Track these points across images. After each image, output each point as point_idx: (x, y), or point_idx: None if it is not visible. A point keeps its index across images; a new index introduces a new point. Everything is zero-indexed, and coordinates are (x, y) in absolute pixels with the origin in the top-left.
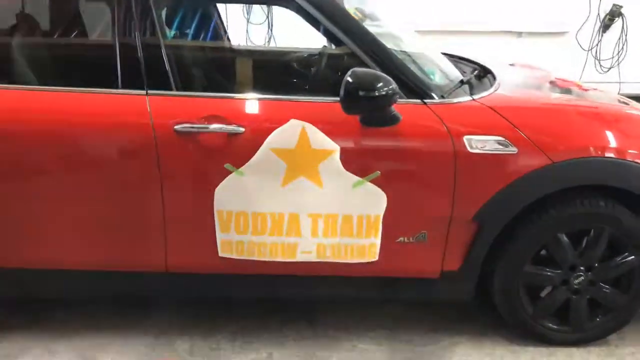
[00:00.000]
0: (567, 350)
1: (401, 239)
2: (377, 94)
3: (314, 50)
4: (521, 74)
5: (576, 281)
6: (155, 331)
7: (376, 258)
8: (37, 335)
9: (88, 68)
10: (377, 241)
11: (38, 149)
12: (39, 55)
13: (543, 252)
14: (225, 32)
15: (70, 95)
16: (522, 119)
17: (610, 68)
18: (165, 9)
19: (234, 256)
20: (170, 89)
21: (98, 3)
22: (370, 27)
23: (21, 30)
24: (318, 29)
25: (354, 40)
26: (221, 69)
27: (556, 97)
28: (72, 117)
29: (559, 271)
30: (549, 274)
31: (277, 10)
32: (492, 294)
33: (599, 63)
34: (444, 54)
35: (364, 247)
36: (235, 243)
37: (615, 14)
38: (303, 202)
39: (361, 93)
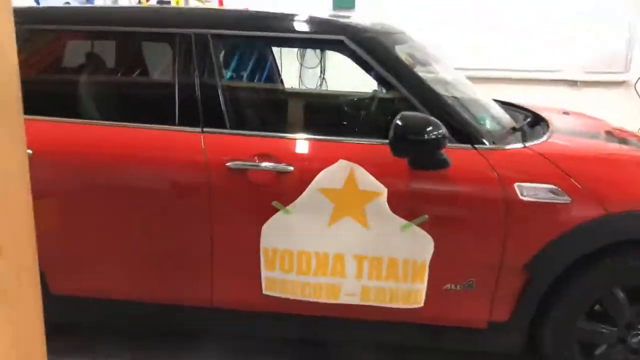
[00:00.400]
0: None
1: (448, 286)
2: (426, 137)
3: (365, 93)
4: (576, 123)
5: (634, 340)
6: None
7: (421, 304)
8: None
9: (148, 105)
10: (423, 287)
11: (95, 181)
12: (103, 92)
13: (598, 307)
14: (279, 74)
15: (129, 130)
16: (576, 168)
17: None
18: (223, 51)
19: (278, 294)
20: (225, 127)
21: (161, 44)
22: (421, 72)
23: (88, 69)
24: (369, 73)
25: (405, 84)
26: (274, 109)
27: (613, 146)
28: (130, 150)
29: (614, 328)
30: (604, 331)
31: (330, 54)
32: (543, 348)
33: None
34: (497, 100)
35: (409, 293)
36: (279, 281)
37: None
38: (348, 243)
39: (410, 136)
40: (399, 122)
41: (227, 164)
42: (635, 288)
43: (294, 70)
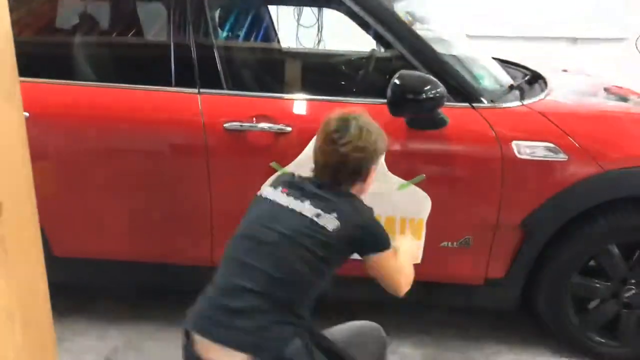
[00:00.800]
0: None
1: (445, 243)
2: (424, 96)
3: (363, 53)
4: (574, 81)
5: (627, 295)
6: None
7: (419, 261)
8: (89, 321)
9: (143, 66)
10: (421, 244)
11: (94, 143)
12: (98, 53)
13: (592, 263)
14: (276, 34)
15: (125, 92)
16: (574, 126)
17: None
18: (218, 10)
19: None
20: (222, 89)
21: (155, 4)
22: (420, 30)
23: (82, 30)
24: (367, 31)
25: (403, 43)
26: (271, 70)
27: (611, 104)
28: (127, 112)
29: (608, 284)
30: (597, 286)
31: (327, 12)
32: (537, 303)
33: None
34: (495, 58)
35: None
36: None
37: None
38: None
39: (408, 96)
40: (397, 82)
41: (224, 125)
42: (629, 244)
43: (290, 29)
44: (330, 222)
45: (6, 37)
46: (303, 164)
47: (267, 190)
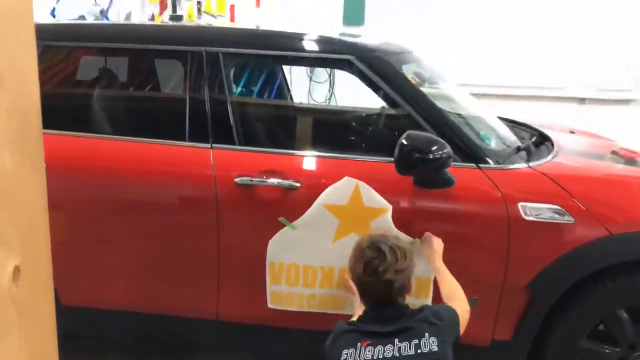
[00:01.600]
0: None
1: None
2: (431, 156)
3: (373, 109)
4: (582, 142)
5: None
6: None
7: None
8: None
9: (159, 121)
10: (428, 301)
11: (107, 194)
12: (115, 106)
13: (601, 327)
14: (289, 90)
15: (141, 145)
16: (580, 189)
17: None
18: (233, 68)
19: (283, 307)
20: (233, 144)
21: (172, 61)
22: (427, 90)
23: (101, 83)
24: (376, 92)
25: (411, 103)
26: (282, 125)
27: (618, 167)
28: (141, 165)
29: (617, 349)
30: (607, 351)
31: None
32: None
33: None
34: (502, 118)
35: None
36: (285, 294)
37: None
38: None
39: (416, 155)
40: (405, 141)
41: (235, 180)
42: (638, 309)
43: (303, 84)
44: (430, 343)
45: (36, 110)
46: (311, 220)
47: (351, 353)
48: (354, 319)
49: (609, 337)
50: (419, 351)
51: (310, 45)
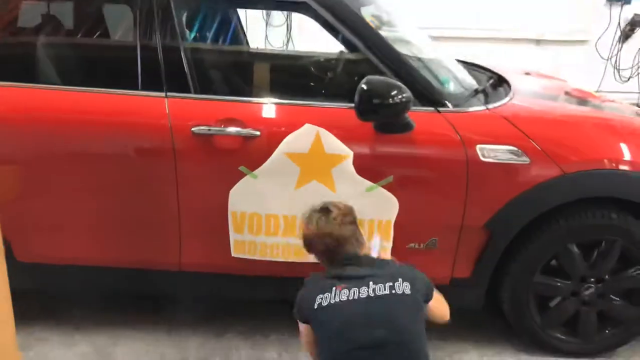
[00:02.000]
0: None
1: (412, 245)
2: (391, 101)
3: (332, 54)
4: (537, 84)
5: (586, 293)
6: (168, 328)
7: None
8: (54, 328)
9: (109, 69)
10: (389, 246)
11: (58, 147)
12: (62, 55)
13: (554, 262)
14: (245, 35)
15: (90, 95)
16: (536, 130)
17: (629, 78)
18: (186, 12)
19: (247, 256)
20: (189, 92)
21: (120, 5)
22: (386, 33)
23: (45, 31)
24: (335, 36)
25: (370, 47)
26: (239, 72)
27: (571, 108)
28: (92, 116)
29: (569, 282)
30: (558, 284)
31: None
32: (501, 302)
33: (619, 73)
34: (460, 61)
35: None
36: (248, 243)
37: (635, 23)
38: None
39: (375, 101)
40: (364, 87)
41: (192, 129)
42: (588, 244)
43: (259, 29)
44: (403, 286)
45: None
46: (272, 169)
47: (326, 297)
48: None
49: (561, 271)
50: (393, 292)
51: None
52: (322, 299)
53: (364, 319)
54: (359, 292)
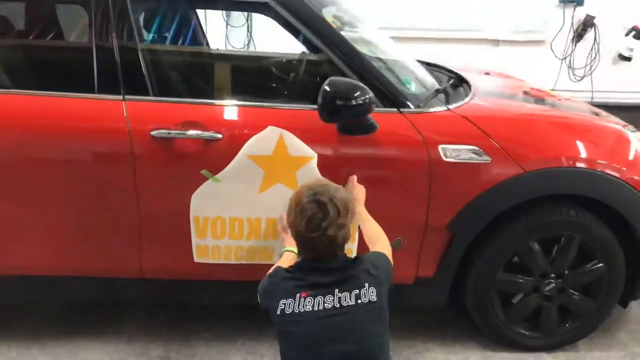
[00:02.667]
0: (537, 355)
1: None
2: (354, 103)
3: (293, 55)
4: (496, 84)
5: (547, 288)
6: (129, 336)
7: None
8: (10, 340)
9: (64, 71)
10: (354, 247)
11: (11, 153)
12: (13, 57)
13: (515, 259)
14: (204, 35)
15: (45, 99)
16: (496, 129)
17: (583, 77)
18: (143, 12)
19: (210, 261)
20: (147, 94)
21: (75, 6)
22: (348, 34)
23: None
24: (296, 37)
25: (332, 48)
26: (199, 73)
27: (530, 107)
28: (48, 121)
29: (530, 278)
30: (520, 281)
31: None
32: (465, 301)
33: (572, 72)
34: (421, 61)
35: None
36: (211, 248)
37: (588, 23)
38: (280, 208)
39: (338, 102)
40: (327, 88)
41: (152, 133)
42: (549, 240)
43: (219, 29)
44: (369, 293)
45: None
46: (234, 173)
47: (290, 304)
48: (289, 265)
49: (523, 268)
50: (359, 301)
51: None
52: (285, 304)
53: (329, 334)
54: (324, 302)
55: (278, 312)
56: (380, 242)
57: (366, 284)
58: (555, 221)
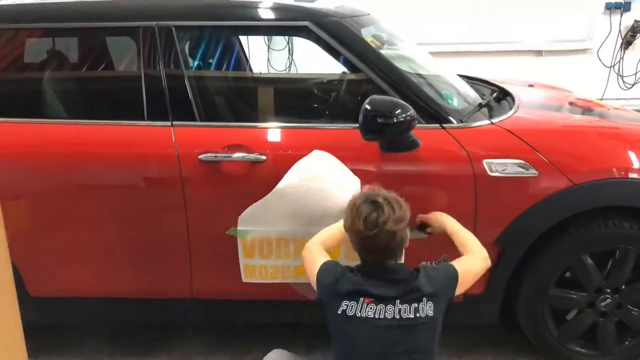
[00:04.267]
0: None
1: (424, 263)
2: (395, 120)
3: (334, 75)
4: (540, 95)
5: (602, 304)
6: (182, 357)
7: None
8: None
9: (115, 102)
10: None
11: (67, 181)
12: (69, 89)
13: (568, 274)
14: (247, 60)
15: (98, 127)
16: (542, 142)
17: (633, 84)
18: (188, 41)
19: (258, 280)
20: (194, 120)
21: (124, 37)
22: (387, 52)
23: (51, 65)
24: (336, 57)
25: (372, 68)
26: (243, 98)
27: (577, 118)
28: (100, 149)
29: (584, 294)
30: (574, 296)
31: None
32: (517, 317)
33: (622, 80)
34: (463, 76)
35: None
36: (259, 267)
37: (636, 29)
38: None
39: (380, 120)
40: (368, 107)
41: (199, 157)
42: (602, 254)
43: (261, 52)
44: (427, 308)
45: None
46: (273, 201)
47: (352, 306)
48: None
49: (576, 283)
50: (417, 315)
51: (265, 13)
52: (347, 306)
53: (386, 346)
54: (385, 311)
55: (339, 312)
56: (468, 254)
57: (424, 298)
58: (607, 234)
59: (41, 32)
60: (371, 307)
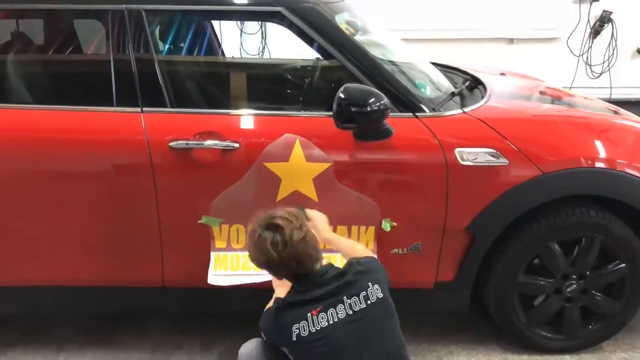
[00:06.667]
0: (560, 358)
1: (395, 250)
2: (369, 109)
3: (308, 61)
4: (512, 84)
5: (568, 289)
6: (152, 346)
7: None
8: (36, 351)
9: (82, 85)
10: (373, 252)
11: (33, 168)
12: (33, 73)
13: (536, 261)
14: (220, 45)
15: (64, 113)
16: (513, 131)
17: (601, 73)
18: (158, 26)
19: (226, 276)
20: (165, 106)
21: (92, 20)
22: (361, 39)
23: (15, 48)
24: (310, 44)
25: (346, 55)
26: (215, 83)
27: (546, 107)
28: (67, 135)
29: (551, 280)
30: (541, 282)
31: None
32: (486, 304)
33: (590, 68)
34: (436, 64)
35: None
36: (230, 256)
37: (605, 19)
38: None
39: (353, 109)
40: (342, 95)
41: (170, 144)
42: (570, 242)
43: (234, 36)
44: (375, 291)
45: None
46: (253, 179)
47: (303, 326)
48: (281, 296)
49: (543, 269)
50: (369, 302)
51: None
52: (299, 328)
53: (350, 344)
54: (337, 312)
55: (294, 339)
56: (359, 250)
57: (369, 283)
58: (574, 222)
59: (4, 14)
60: (322, 317)
